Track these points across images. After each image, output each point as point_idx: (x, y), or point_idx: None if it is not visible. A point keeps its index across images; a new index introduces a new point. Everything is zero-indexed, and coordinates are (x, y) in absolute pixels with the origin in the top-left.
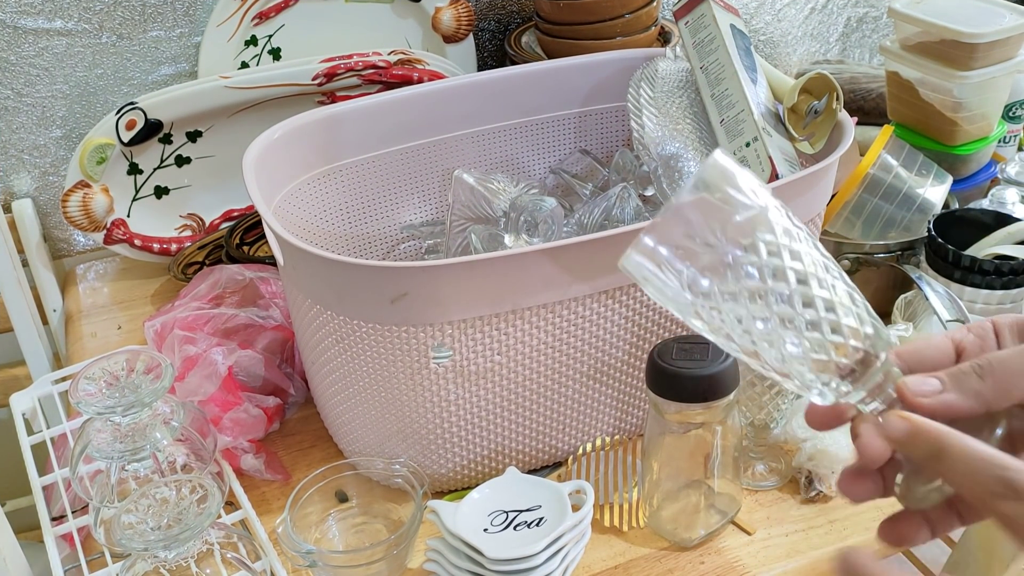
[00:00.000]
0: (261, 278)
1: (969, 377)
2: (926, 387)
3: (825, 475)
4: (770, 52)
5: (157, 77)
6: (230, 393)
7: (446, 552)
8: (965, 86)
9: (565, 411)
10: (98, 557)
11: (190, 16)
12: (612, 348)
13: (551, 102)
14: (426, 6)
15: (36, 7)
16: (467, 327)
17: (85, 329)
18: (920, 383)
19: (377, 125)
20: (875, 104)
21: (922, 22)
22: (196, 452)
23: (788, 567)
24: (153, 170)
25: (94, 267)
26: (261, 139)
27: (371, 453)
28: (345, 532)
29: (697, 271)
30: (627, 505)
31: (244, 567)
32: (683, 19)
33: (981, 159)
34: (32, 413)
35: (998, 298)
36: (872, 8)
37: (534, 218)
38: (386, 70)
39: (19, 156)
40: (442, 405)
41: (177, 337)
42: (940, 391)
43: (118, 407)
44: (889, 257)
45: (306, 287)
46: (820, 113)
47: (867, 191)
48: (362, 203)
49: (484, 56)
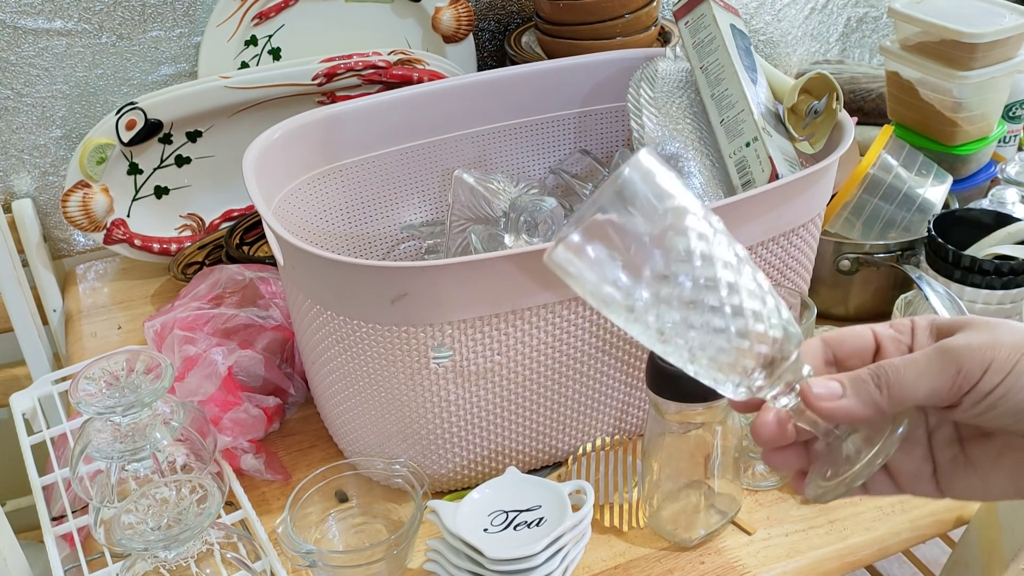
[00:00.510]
0: (261, 278)
1: (867, 385)
2: (827, 392)
3: None
4: (770, 52)
5: (157, 77)
6: (230, 393)
7: (446, 552)
8: (965, 86)
9: (565, 411)
10: (98, 557)
11: (190, 16)
12: (612, 348)
13: (551, 102)
14: (426, 6)
15: (36, 7)
16: (467, 327)
17: (85, 329)
18: (823, 388)
19: (377, 125)
20: (875, 104)
21: (922, 22)
22: (196, 452)
23: (788, 567)
24: (153, 170)
25: (94, 267)
26: (261, 139)
27: (371, 453)
28: (345, 532)
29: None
30: (627, 505)
31: (244, 567)
32: (683, 19)
33: (981, 159)
34: (32, 413)
35: (998, 298)
36: (872, 8)
37: (534, 218)
38: (386, 70)
39: (19, 156)
40: (442, 405)
41: (177, 337)
42: (840, 396)
43: (118, 407)
44: (889, 257)
45: (306, 287)
46: (820, 113)
47: (867, 191)
48: (362, 203)
49: (484, 56)
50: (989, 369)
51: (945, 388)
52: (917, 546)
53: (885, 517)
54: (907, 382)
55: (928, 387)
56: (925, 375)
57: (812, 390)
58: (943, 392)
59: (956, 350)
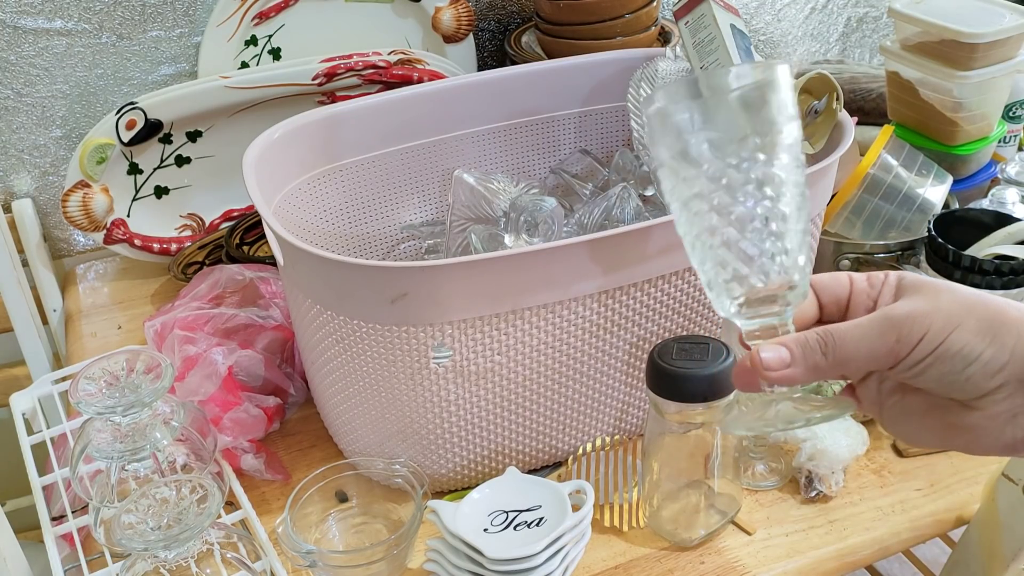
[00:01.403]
0: (261, 278)
1: (814, 353)
2: (774, 360)
3: (825, 475)
4: (770, 52)
5: (157, 77)
6: (230, 393)
7: (446, 552)
8: (965, 86)
9: (565, 411)
10: (98, 557)
11: (190, 16)
12: (612, 348)
13: (551, 102)
14: (426, 6)
15: (36, 7)
16: (467, 327)
17: (85, 329)
18: (772, 355)
19: (377, 125)
20: (875, 104)
21: (922, 22)
22: (196, 452)
23: (788, 567)
24: (153, 170)
25: (94, 267)
26: (261, 139)
27: (371, 453)
28: (345, 532)
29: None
30: (627, 505)
31: (244, 567)
32: (683, 19)
33: (981, 159)
34: (32, 413)
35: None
36: (872, 8)
37: (534, 218)
38: (386, 70)
39: (19, 156)
40: (442, 405)
41: (177, 337)
42: (787, 365)
43: (118, 407)
44: (889, 257)
45: (306, 287)
46: (820, 113)
47: (867, 191)
48: (362, 203)
49: (484, 56)
50: (924, 338)
51: (884, 354)
52: (917, 546)
53: (885, 517)
54: (850, 347)
55: (868, 352)
56: (866, 340)
57: (761, 358)
58: (881, 358)
59: (898, 319)
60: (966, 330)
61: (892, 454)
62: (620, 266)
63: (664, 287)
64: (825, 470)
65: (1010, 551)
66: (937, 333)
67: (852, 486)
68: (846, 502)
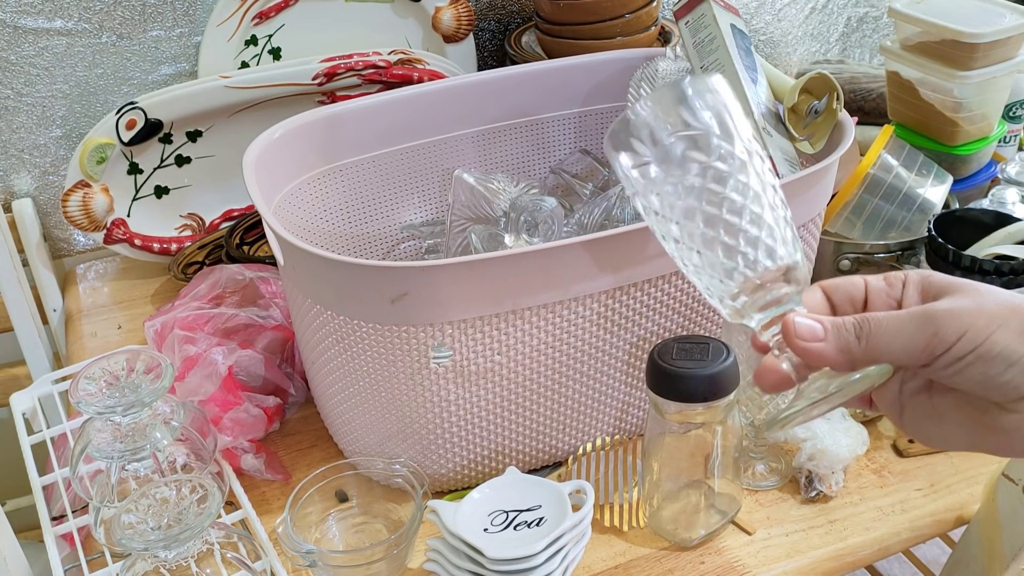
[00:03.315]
0: (261, 278)
1: (849, 334)
2: (807, 330)
3: (825, 475)
4: (770, 52)
5: (157, 77)
6: (230, 393)
7: (446, 552)
8: (965, 86)
9: (565, 411)
10: (98, 557)
11: (190, 16)
12: (612, 348)
13: (551, 102)
14: (426, 6)
15: (36, 7)
16: (467, 327)
17: (85, 329)
18: (805, 325)
19: (377, 125)
20: (875, 104)
21: (922, 22)
22: (196, 452)
23: (788, 567)
24: (153, 170)
25: (94, 267)
26: (261, 139)
27: (371, 453)
28: (345, 532)
29: (668, 157)
30: (627, 505)
31: (244, 567)
32: (683, 19)
33: (981, 159)
34: (32, 413)
35: None
36: (872, 8)
37: (534, 218)
38: (386, 70)
39: (19, 156)
40: (442, 405)
41: (177, 337)
42: (819, 339)
43: (118, 407)
44: (889, 257)
45: (306, 287)
46: (820, 113)
47: (867, 191)
48: (362, 203)
49: (484, 56)
50: (964, 336)
51: (919, 348)
52: (917, 546)
53: (885, 517)
54: (885, 337)
55: (903, 344)
56: (903, 332)
57: (795, 326)
58: (916, 351)
59: (938, 314)
60: (1009, 330)
61: (892, 454)
62: (620, 266)
63: (664, 287)
64: (825, 470)
65: (1010, 551)
66: (979, 332)
67: (852, 486)
68: (846, 502)
